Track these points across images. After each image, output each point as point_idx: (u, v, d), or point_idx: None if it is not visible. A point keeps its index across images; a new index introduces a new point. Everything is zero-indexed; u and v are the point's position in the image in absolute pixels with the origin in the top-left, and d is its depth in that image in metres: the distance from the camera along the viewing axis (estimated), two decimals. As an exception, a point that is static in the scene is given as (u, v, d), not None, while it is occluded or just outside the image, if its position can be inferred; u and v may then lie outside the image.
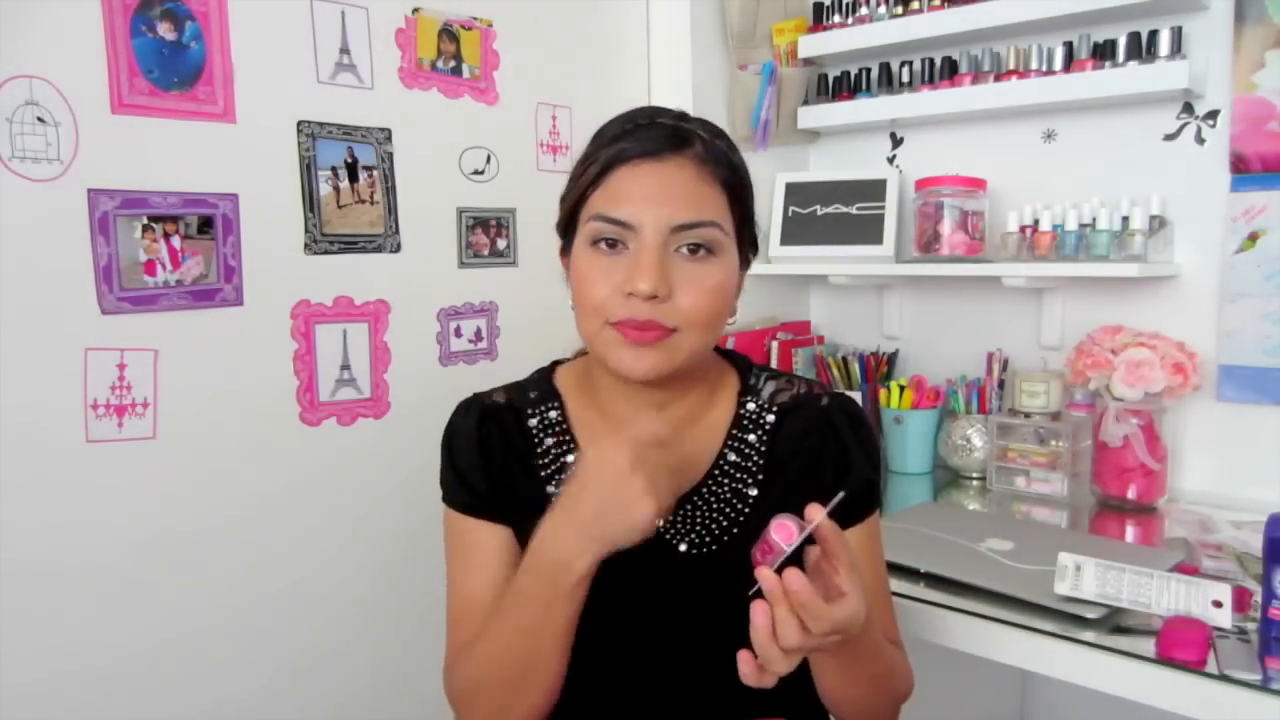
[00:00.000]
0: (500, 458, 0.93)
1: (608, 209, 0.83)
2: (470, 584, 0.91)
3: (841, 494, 0.74)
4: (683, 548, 0.89)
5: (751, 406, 0.95)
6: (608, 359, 0.85)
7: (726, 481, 0.92)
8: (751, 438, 0.93)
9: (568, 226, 0.91)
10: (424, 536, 1.06)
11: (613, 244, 0.84)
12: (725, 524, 0.90)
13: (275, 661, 1.29)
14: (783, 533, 0.71)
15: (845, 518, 0.91)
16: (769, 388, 0.96)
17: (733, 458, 0.92)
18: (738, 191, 0.89)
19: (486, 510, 0.92)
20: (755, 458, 0.92)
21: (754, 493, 0.91)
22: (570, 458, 0.93)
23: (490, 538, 0.91)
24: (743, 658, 0.72)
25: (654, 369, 0.84)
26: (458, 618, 0.91)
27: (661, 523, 0.89)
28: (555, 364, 1.01)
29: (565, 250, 0.92)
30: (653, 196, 0.83)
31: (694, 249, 0.84)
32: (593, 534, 0.76)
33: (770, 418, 0.94)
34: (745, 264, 0.92)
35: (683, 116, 0.88)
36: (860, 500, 0.92)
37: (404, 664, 1.41)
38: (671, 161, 0.84)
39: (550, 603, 0.79)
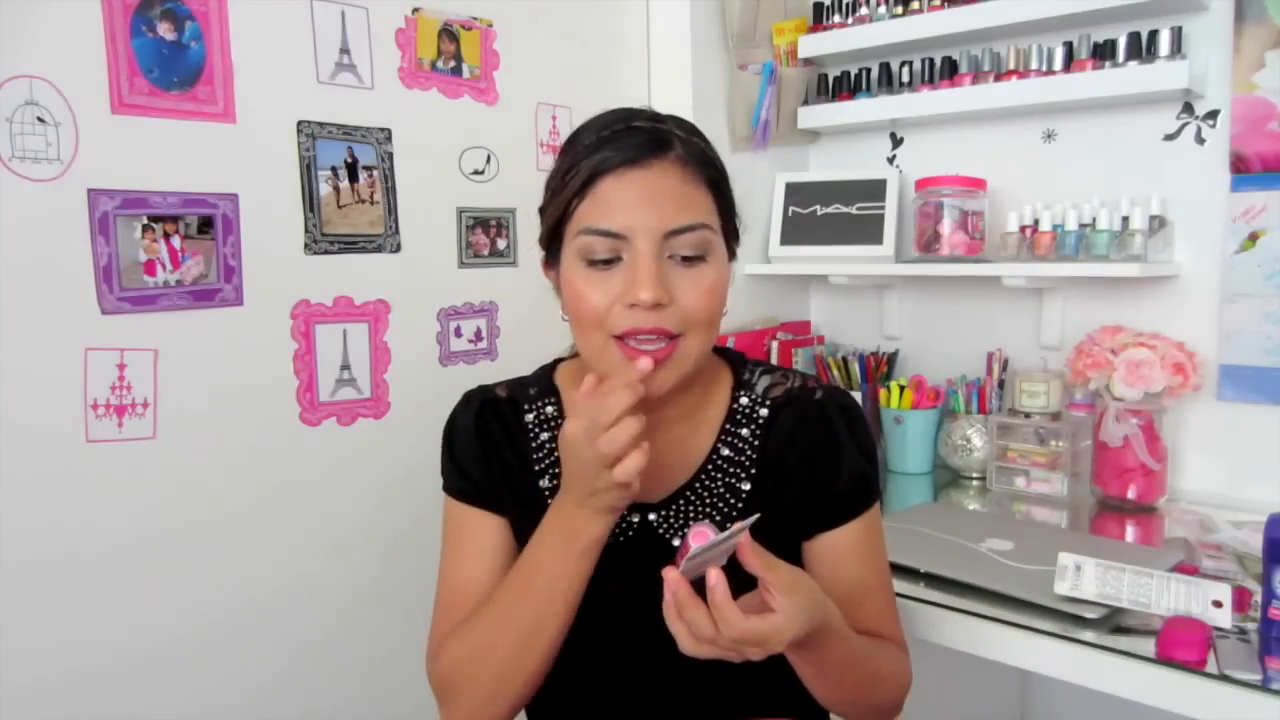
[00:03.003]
0: (498, 451, 0.94)
1: (597, 221, 0.82)
2: (462, 571, 0.93)
3: (756, 515, 0.74)
4: (676, 542, 0.90)
5: (745, 401, 0.94)
6: (616, 378, 0.84)
7: (720, 476, 0.92)
8: (745, 432, 0.93)
9: (551, 239, 0.89)
10: (422, 536, 1.06)
11: (608, 262, 0.83)
12: (719, 519, 0.90)
13: (273, 660, 1.29)
14: (699, 538, 0.71)
15: (840, 513, 0.92)
16: (763, 382, 0.96)
17: (726, 452, 0.92)
18: (721, 187, 0.88)
19: (483, 500, 0.93)
20: (749, 452, 0.92)
21: (747, 487, 0.91)
22: None
23: (486, 526, 0.93)
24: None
25: (663, 386, 0.84)
26: (446, 604, 0.93)
27: (654, 517, 0.90)
28: (558, 361, 1.02)
29: (550, 263, 0.91)
30: (642, 203, 0.82)
31: (688, 258, 0.83)
32: (591, 505, 0.79)
33: (764, 412, 0.94)
34: (732, 256, 0.91)
35: (656, 117, 0.87)
36: (855, 495, 0.92)
37: (401, 663, 1.40)
38: (656, 166, 0.83)
39: (558, 570, 0.82)
